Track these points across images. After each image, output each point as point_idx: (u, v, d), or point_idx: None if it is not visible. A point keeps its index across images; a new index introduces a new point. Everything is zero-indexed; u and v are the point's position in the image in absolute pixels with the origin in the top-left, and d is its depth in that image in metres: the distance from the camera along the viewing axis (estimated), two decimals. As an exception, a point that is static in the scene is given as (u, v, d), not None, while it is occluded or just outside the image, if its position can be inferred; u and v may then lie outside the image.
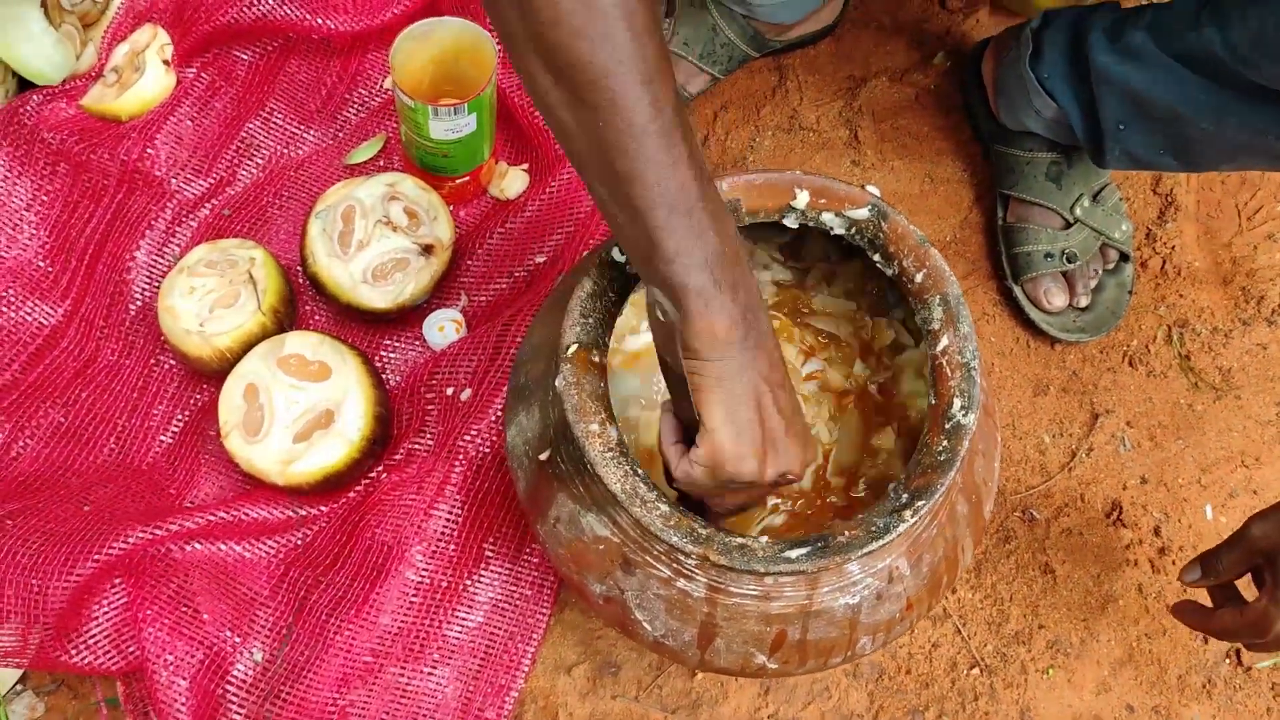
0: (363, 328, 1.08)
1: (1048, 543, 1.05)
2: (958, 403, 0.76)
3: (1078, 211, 1.10)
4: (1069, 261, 1.10)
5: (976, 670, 1.01)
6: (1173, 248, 1.17)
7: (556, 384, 0.77)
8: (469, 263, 1.10)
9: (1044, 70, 1.01)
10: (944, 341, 0.78)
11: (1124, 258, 1.12)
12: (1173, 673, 1.01)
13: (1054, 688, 1.00)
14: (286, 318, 1.04)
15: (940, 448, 0.75)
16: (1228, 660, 1.02)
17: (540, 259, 1.09)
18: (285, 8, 1.14)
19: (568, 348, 0.77)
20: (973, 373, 0.77)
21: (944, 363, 0.78)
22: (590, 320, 0.78)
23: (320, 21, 1.14)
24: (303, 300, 1.09)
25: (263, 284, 1.02)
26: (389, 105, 1.17)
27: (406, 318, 1.08)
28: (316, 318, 1.09)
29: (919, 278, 0.79)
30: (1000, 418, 1.09)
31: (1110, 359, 1.12)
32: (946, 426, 0.76)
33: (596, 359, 0.78)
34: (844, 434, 0.91)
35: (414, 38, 1.02)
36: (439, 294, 1.08)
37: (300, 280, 1.08)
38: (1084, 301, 1.11)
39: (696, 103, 1.20)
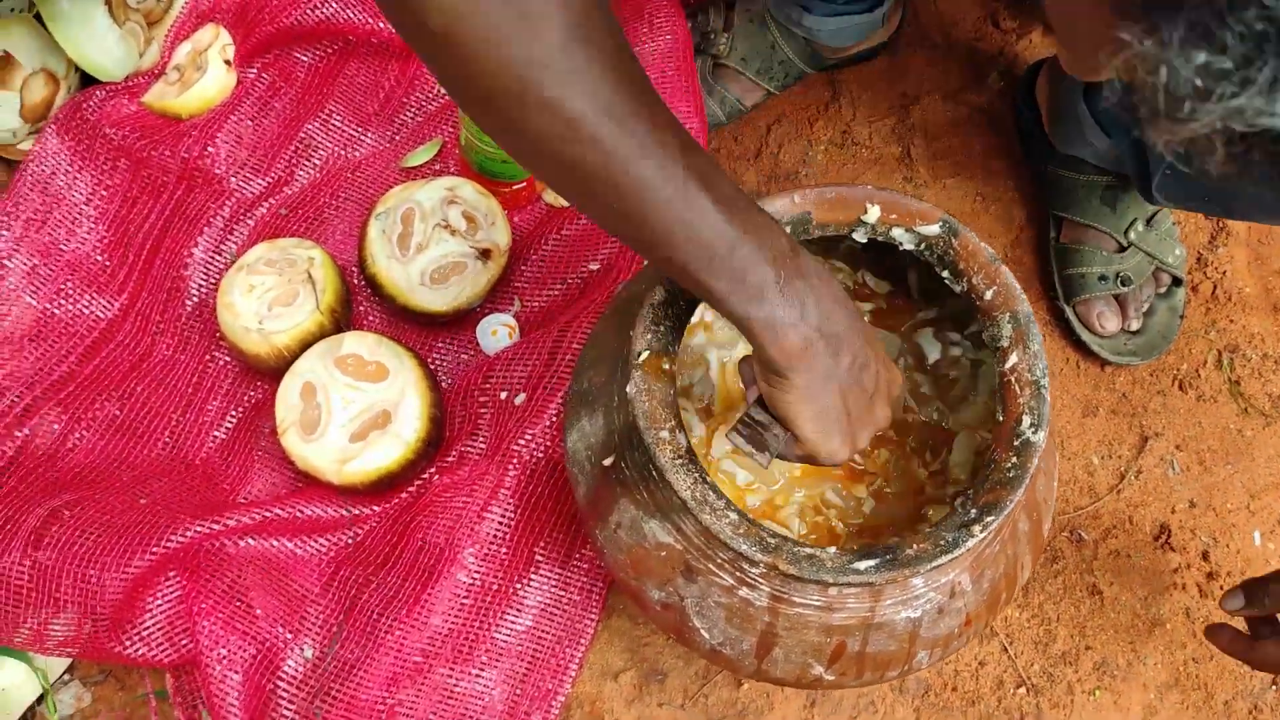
0: (417, 330, 1.09)
1: (1095, 564, 1.05)
2: (1027, 420, 0.77)
3: (1132, 235, 1.10)
4: (1123, 285, 1.10)
5: (1023, 690, 1.00)
6: (1224, 272, 1.17)
7: (628, 390, 0.77)
8: (523, 268, 1.11)
9: (1097, 104, 1.01)
10: (1013, 359, 0.78)
11: (1176, 282, 1.13)
12: (1219, 698, 1.01)
13: (1100, 709, 1.00)
14: (343, 318, 1.05)
15: (1009, 464, 0.76)
16: (1274, 687, 1.02)
17: (594, 266, 1.10)
18: (347, 11, 1.15)
19: (639, 354, 0.77)
20: (1042, 390, 0.77)
21: (1013, 380, 0.78)
22: (661, 328, 0.79)
23: (381, 25, 1.15)
24: (358, 300, 1.10)
25: (321, 284, 1.03)
26: (446, 110, 1.18)
27: (460, 321, 1.08)
28: (371, 318, 1.10)
29: (989, 295, 0.80)
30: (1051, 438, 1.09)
31: (1160, 382, 1.12)
32: (1015, 444, 0.76)
33: (667, 366, 0.78)
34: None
35: (480, 44, 1.03)
36: (493, 298, 1.09)
37: (356, 281, 1.09)
38: (1136, 325, 1.11)
39: (750, 116, 1.21)
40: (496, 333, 1.08)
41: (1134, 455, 1.10)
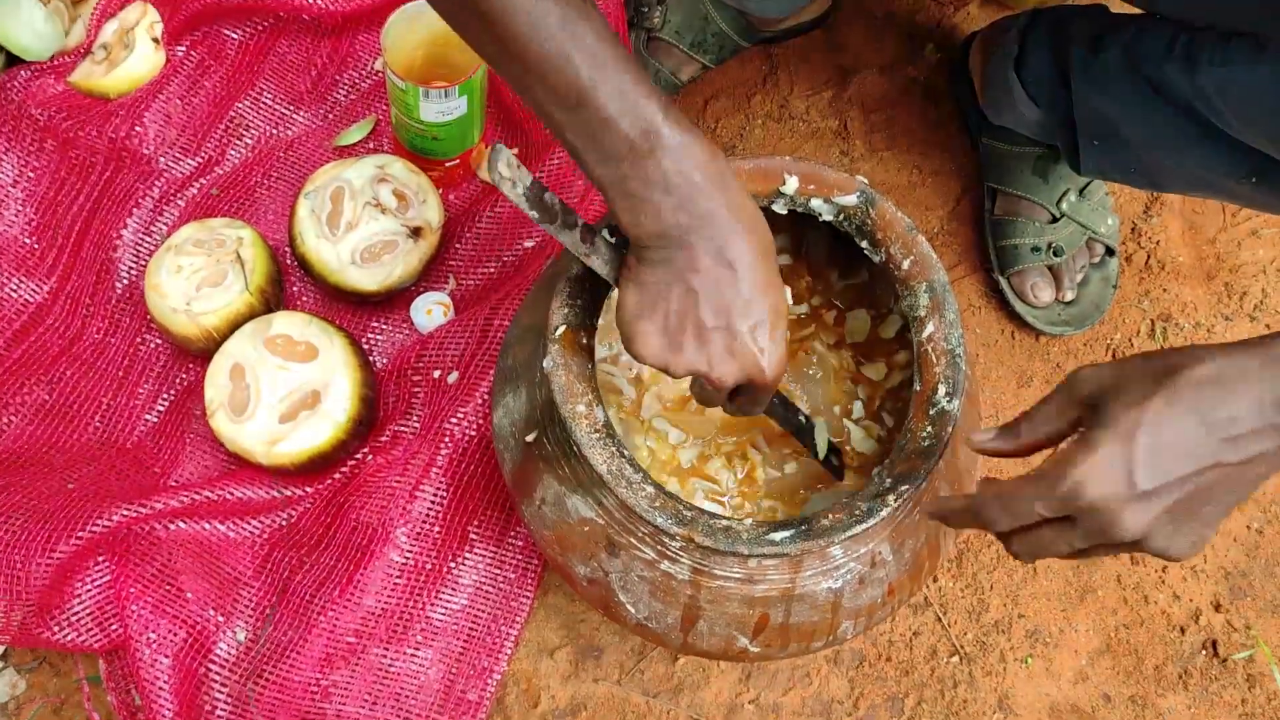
0: (350, 310, 1.08)
1: (1029, 533, 1.06)
2: (942, 389, 0.77)
3: (1064, 206, 1.11)
4: (1055, 255, 1.11)
5: (956, 658, 1.01)
6: (1157, 242, 1.17)
7: (544, 365, 0.77)
8: (457, 246, 1.10)
9: (1027, 75, 1.01)
10: (929, 328, 0.78)
11: (1109, 252, 1.13)
12: (1149, 663, 1.02)
13: (1032, 676, 1.01)
14: (274, 298, 1.04)
15: (924, 433, 0.76)
16: (1204, 652, 1.03)
17: (529, 244, 1.09)
18: (277, -14, 1.14)
19: (556, 329, 0.77)
20: (958, 359, 0.77)
21: (929, 349, 0.78)
22: (579, 302, 0.78)
23: (310, 1, 1.13)
24: (290, 281, 1.09)
25: (250, 264, 1.02)
26: (379, 88, 1.17)
27: (394, 300, 1.08)
28: (304, 299, 1.09)
29: (906, 264, 0.80)
30: (984, 409, 1.10)
31: (1094, 352, 1.13)
32: (931, 413, 0.76)
33: (584, 341, 0.78)
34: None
35: (405, 19, 1.02)
36: (427, 277, 1.08)
37: (288, 261, 1.08)
38: (1070, 295, 1.11)
39: (687, 91, 1.20)
40: (431, 312, 1.07)
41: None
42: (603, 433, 0.75)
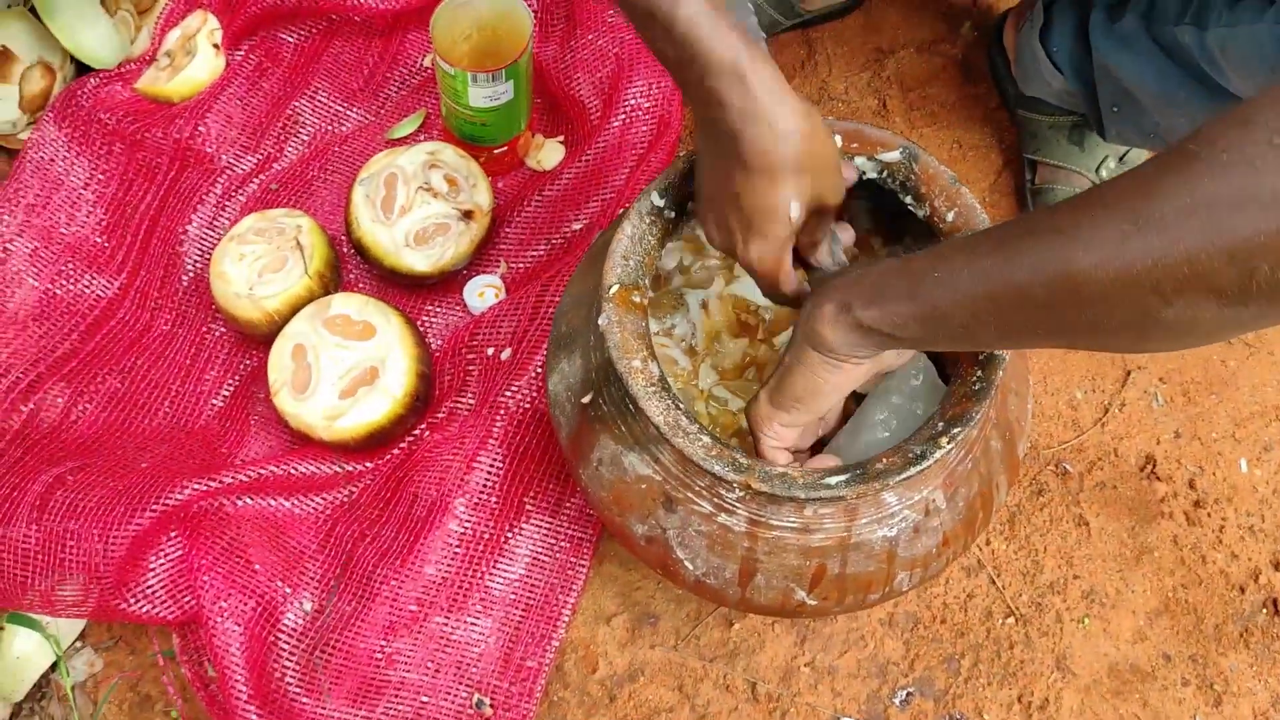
0: (405, 293, 1.11)
1: (1081, 495, 1.06)
2: (991, 335, 0.78)
3: (1103, 173, 1.12)
4: (1097, 222, 1.11)
5: (1012, 620, 1.02)
6: (1202, 209, 1.18)
7: (599, 322, 0.79)
8: (507, 230, 1.13)
9: (1053, 44, 1.03)
10: (975, 277, 0.80)
11: (1153, 219, 1.13)
12: (1209, 622, 1.02)
13: (1090, 637, 1.01)
14: (332, 282, 1.07)
15: (975, 377, 0.77)
16: (1265, 610, 1.03)
17: (577, 226, 1.12)
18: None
19: (610, 287, 0.79)
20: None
21: (976, 297, 0.79)
22: (631, 262, 0.81)
23: (361, 1, 1.18)
24: (347, 268, 1.12)
25: (309, 250, 1.05)
26: (429, 83, 1.20)
27: (447, 283, 1.11)
28: (361, 284, 1.12)
29: (950, 216, 0.81)
30: (1033, 374, 1.11)
31: (1141, 317, 1.13)
32: (980, 357, 0.78)
33: (638, 299, 0.80)
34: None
35: (453, 8, 1.06)
36: (479, 260, 1.11)
37: (345, 248, 1.12)
38: (1113, 262, 1.12)
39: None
40: (483, 294, 1.10)
41: (1117, 389, 1.11)
42: (658, 386, 0.77)
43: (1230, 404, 1.11)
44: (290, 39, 1.21)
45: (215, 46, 1.19)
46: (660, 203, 0.83)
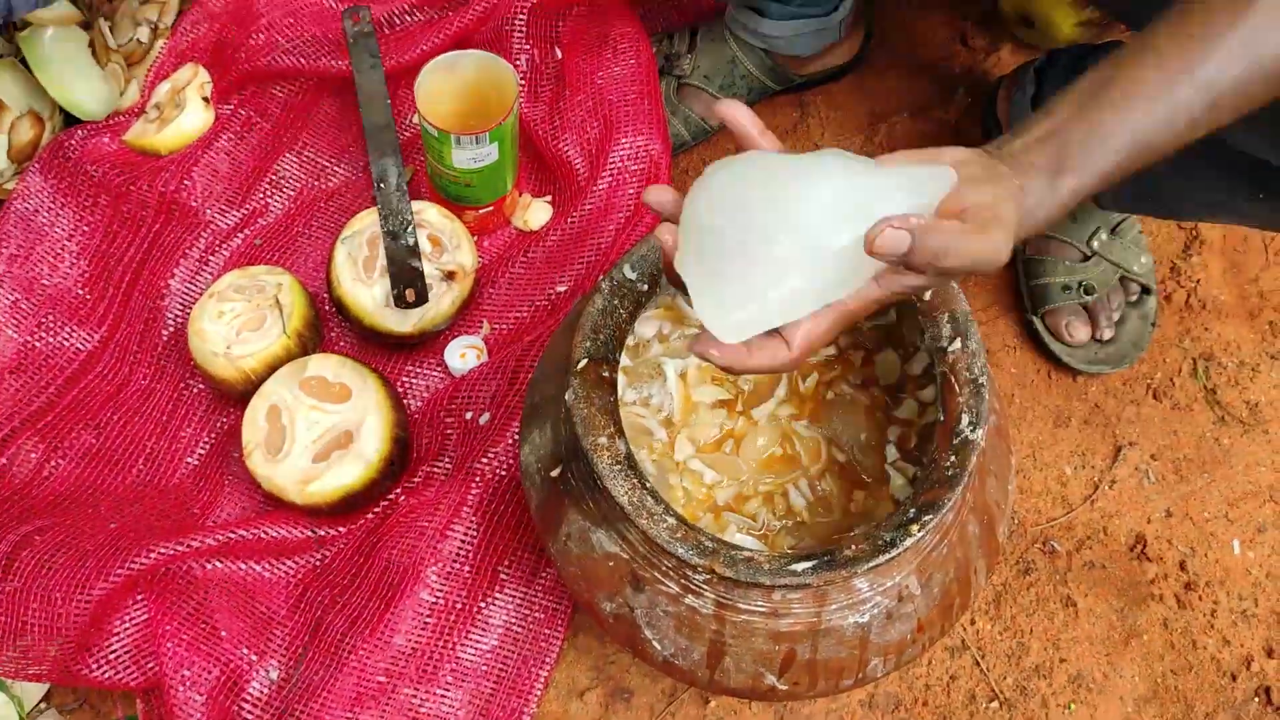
0: (385, 353, 1.10)
1: (1069, 575, 1.04)
2: (965, 418, 0.76)
3: (1095, 244, 1.10)
4: (1086, 294, 1.10)
5: (996, 703, 0.99)
6: (1198, 281, 1.16)
7: (566, 398, 0.78)
8: (491, 291, 1.12)
9: None
10: (953, 358, 0.78)
11: (1145, 290, 1.12)
12: (1199, 710, 0.99)
13: (1076, 723, 0.98)
14: (311, 341, 1.06)
15: (948, 463, 0.75)
16: (1257, 699, 1.00)
17: (561, 288, 1.11)
18: (320, 58, 1.18)
19: (578, 362, 0.78)
20: (981, 389, 0.77)
21: (953, 379, 0.78)
22: (601, 336, 0.80)
23: (348, 66, 1.17)
24: (328, 326, 1.11)
25: (289, 308, 1.04)
26: (416, 140, 1.20)
27: (428, 343, 1.09)
28: (341, 343, 1.11)
29: (928, 296, 0.80)
30: (1019, 448, 1.08)
31: (1134, 391, 1.11)
32: (954, 442, 0.76)
33: (606, 374, 0.79)
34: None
35: (438, 70, 1.05)
36: (461, 321, 1.10)
37: (326, 306, 1.11)
38: (1107, 334, 1.10)
39: (717, 138, 1.22)
40: (464, 355, 1.09)
41: (1108, 465, 1.08)
42: (624, 464, 0.76)
43: (1223, 483, 1.08)
44: (280, 94, 1.21)
45: (205, 100, 1.19)
46: (632, 275, 0.81)
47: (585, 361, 0.78)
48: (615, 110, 1.12)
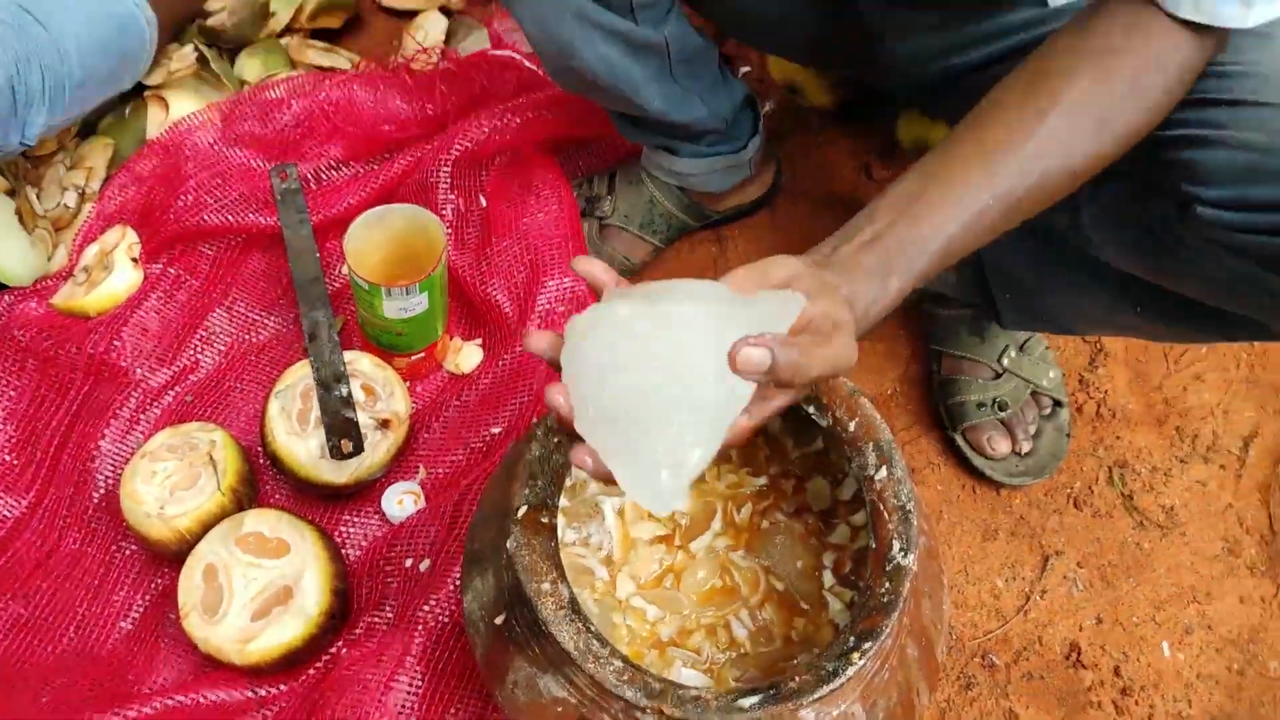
0: (322, 504, 1.10)
1: (1009, 688, 1.05)
2: (896, 544, 0.79)
3: (1005, 362, 1.15)
4: (1001, 410, 1.14)
5: (949, 823, 0.99)
6: (1105, 392, 1.21)
7: (508, 545, 0.79)
8: (426, 435, 1.13)
9: None
10: (879, 486, 0.81)
11: (1057, 403, 1.17)
12: (1146, 815, 1.01)
13: (1028, 838, 0.99)
14: (246, 497, 1.06)
15: (883, 589, 0.77)
16: (1200, 800, 1.02)
17: (496, 430, 1.12)
18: (248, 207, 1.20)
19: (518, 509, 0.79)
20: (909, 515, 0.80)
21: (881, 506, 0.80)
22: (539, 482, 0.81)
23: (276, 222, 1.20)
24: (263, 479, 1.11)
25: (222, 465, 1.04)
26: (347, 290, 1.22)
27: (365, 492, 1.10)
28: (277, 496, 1.11)
29: (852, 426, 0.83)
30: (951, 563, 1.11)
31: (1056, 501, 1.15)
32: (887, 568, 0.78)
33: (546, 520, 0.80)
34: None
35: (367, 224, 1.08)
36: (397, 468, 1.11)
37: (261, 459, 1.11)
38: (1025, 447, 1.14)
39: (640, 273, 1.26)
40: (402, 502, 1.09)
41: (1037, 575, 1.11)
42: (568, 609, 0.76)
43: (1148, 587, 1.12)
44: (209, 251, 1.23)
45: (134, 260, 1.20)
46: (568, 421, 0.83)
47: (525, 509, 0.79)
48: (540, 254, 1.16)
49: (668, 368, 0.65)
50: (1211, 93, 0.77)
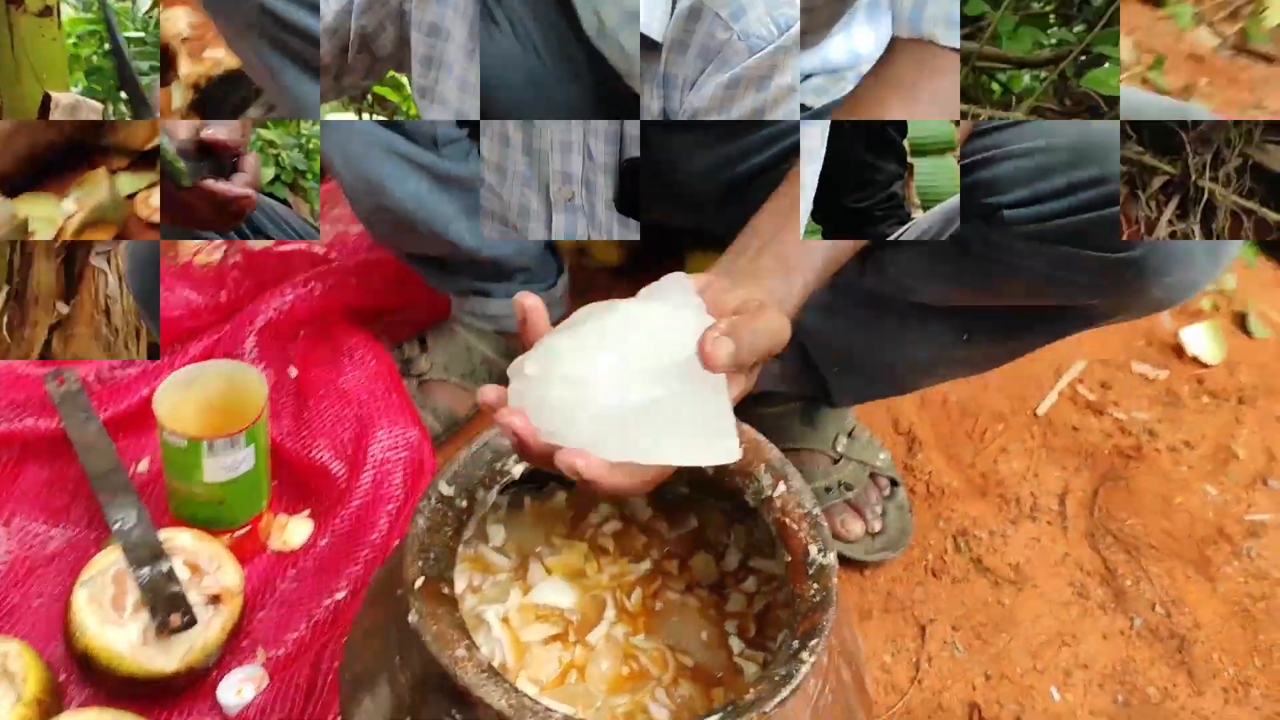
0: (145, 707, 0.94)
1: (925, 757, 1.02)
2: (814, 547, 0.77)
3: (839, 447, 1.19)
4: (847, 490, 1.17)
5: None
6: (930, 473, 1.27)
7: (410, 621, 0.71)
8: (261, 615, 1.01)
9: None
10: (780, 501, 0.80)
11: (894, 483, 1.21)
12: None
13: None
14: (53, 707, 0.89)
15: (812, 591, 0.75)
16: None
17: (340, 595, 1.02)
18: (22, 413, 1.10)
19: (414, 581, 0.72)
20: (817, 520, 0.78)
21: (786, 519, 0.79)
22: (432, 554, 0.74)
23: (56, 425, 1.09)
24: (69, 688, 0.95)
25: (21, 674, 0.89)
26: (145, 485, 1.11)
27: (197, 686, 0.95)
28: (89, 704, 0.94)
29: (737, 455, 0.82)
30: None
31: (915, 574, 1.16)
32: (811, 571, 0.76)
33: (446, 590, 0.73)
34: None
35: (177, 384, 1.00)
36: (232, 653, 0.98)
37: (66, 666, 0.95)
38: (876, 526, 1.16)
39: (468, 426, 1.22)
40: (242, 691, 0.95)
41: (919, 645, 1.10)
42: (489, 671, 0.69)
43: (1020, 639, 1.13)
44: (-23, 468, 1.09)
45: (-117, 490, 1.05)
46: (449, 491, 0.78)
47: (422, 580, 0.72)
48: (365, 406, 1.11)
49: (640, 355, 0.69)
50: (990, 122, 0.87)
